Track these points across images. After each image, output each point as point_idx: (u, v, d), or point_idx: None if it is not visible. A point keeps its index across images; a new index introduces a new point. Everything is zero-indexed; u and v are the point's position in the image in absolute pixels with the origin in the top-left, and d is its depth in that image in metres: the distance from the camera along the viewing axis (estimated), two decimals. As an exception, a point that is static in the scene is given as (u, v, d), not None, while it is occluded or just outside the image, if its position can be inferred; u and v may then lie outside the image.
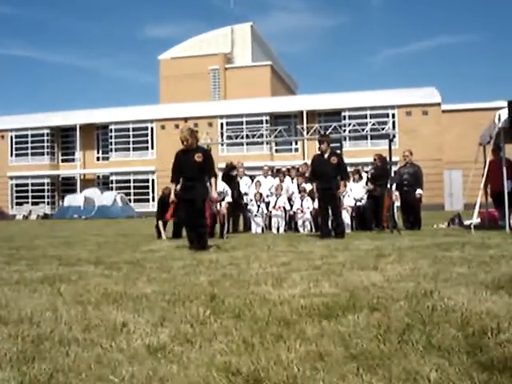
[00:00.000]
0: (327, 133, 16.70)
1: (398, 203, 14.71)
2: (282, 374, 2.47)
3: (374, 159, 14.53)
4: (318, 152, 12.19)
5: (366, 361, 2.60)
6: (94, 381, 2.47)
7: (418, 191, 14.08)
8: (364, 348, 2.81)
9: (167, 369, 2.58)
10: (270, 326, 3.32)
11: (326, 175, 11.54)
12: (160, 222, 12.74)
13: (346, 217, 13.67)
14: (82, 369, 2.62)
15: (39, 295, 4.66)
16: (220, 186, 12.78)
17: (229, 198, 13.40)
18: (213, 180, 9.28)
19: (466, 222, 13.97)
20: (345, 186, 12.23)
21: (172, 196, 9.67)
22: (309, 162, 13.95)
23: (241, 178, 15.76)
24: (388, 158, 13.78)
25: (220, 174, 15.22)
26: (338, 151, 13.87)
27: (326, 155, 11.72)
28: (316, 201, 13.48)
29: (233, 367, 2.56)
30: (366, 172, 15.31)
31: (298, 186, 15.21)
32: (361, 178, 15.07)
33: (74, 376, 2.53)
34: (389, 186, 13.67)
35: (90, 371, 2.58)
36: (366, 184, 14.48)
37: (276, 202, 14.91)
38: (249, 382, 2.40)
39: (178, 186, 9.32)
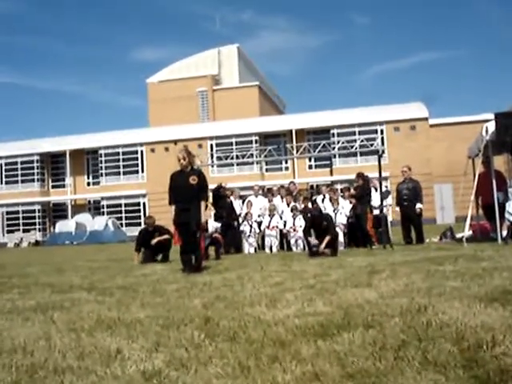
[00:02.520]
0: (316, 151, 16.77)
1: (390, 218, 14.74)
2: (279, 395, 2.46)
3: (357, 177, 14.51)
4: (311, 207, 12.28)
5: (363, 379, 2.59)
6: (90, 409, 2.45)
7: (418, 206, 14.14)
8: (360, 366, 2.80)
9: (163, 394, 2.56)
10: (265, 348, 3.30)
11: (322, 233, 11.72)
12: (135, 254, 12.53)
13: (340, 234, 13.67)
14: (76, 398, 2.59)
15: (32, 324, 4.62)
16: (211, 225, 12.86)
17: (219, 230, 13.44)
18: (202, 203, 9.19)
19: (458, 235, 14.01)
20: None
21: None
22: (296, 181, 13.93)
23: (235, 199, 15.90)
24: (378, 174, 13.82)
25: (210, 195, 15.26)
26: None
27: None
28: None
29: (229, 390, 2.54)
30: (348, 189, 15.32)
31: (288, 204, 15.26)
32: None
33: (69, 405, 2.51)
34: (389, 202, 13.74)
35: (85, 400, 2.56)
36: (350, 202, 14.51)
37: (270, 221, 14.90)
38: (245, 405, 2.39)
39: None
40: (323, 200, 15.32)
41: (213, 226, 13.11)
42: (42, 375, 3.00)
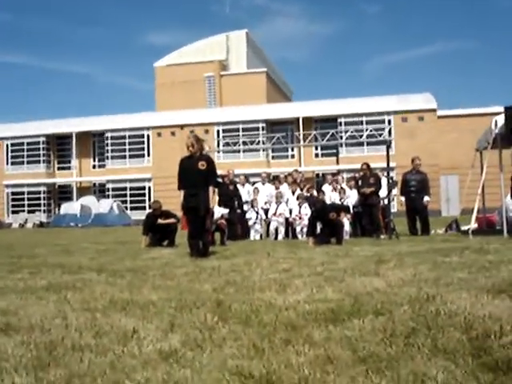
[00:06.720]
0: (325, 140, 16.79)
1: (394, 209, 14.79)
2: (294, 376, 2.54)
3: (363, 168, 14.41)
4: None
5: (375, 363, 2.67)
6: (111, 385, 2.54)
7: (426, 198, 14.22)
8: (371, 351, 2.88)
9: (181, 373, 2.64)
10: (277, 331, 3.38)
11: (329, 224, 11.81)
12: (144, 237, 12.52)
13: (346, 223, 13.72)
14: (97, 374, 2.68)
15: (46, 303, 4.71)
16: (217, 210, 12.79)
17: (226, 215, 13.37)
18: (211, 189, 9.28)
19: (464, 228, 14.05)
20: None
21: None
22: (302, 169, 13.95)
23: (243, 185, 15.96)
24: (385, 164, 13.86)
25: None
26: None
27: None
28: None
29: (245, 371, 2.62)
30: (354, 178, 15.27)
31: (293, 192, 15.27)
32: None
33: (90, 381, 2.59)
34: (394, 192, 13.70)
35: (105, 376, 2.65)
36: (358, 191, 14.40)
37: (277, 208, 14.94)
38: (262, 384, 2.47)
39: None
40: (330, 189, 15.38)
41: (219, 211, 13.12)
42: (60, 352, 3.09)
